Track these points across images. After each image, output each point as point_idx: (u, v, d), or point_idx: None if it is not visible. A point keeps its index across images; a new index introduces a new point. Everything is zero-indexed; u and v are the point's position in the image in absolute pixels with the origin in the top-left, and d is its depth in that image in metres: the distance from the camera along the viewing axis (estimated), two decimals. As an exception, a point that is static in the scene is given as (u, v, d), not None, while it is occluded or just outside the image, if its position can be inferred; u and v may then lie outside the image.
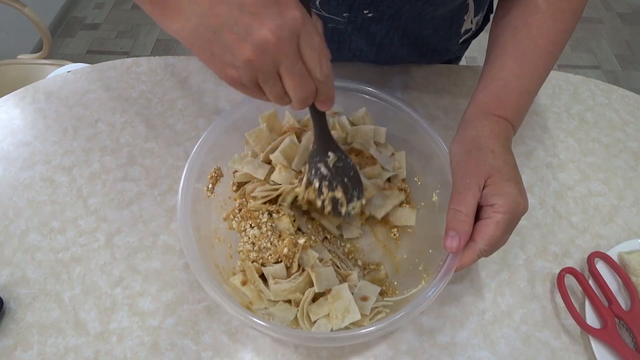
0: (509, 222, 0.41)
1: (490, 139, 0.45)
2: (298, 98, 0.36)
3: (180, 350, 0.47)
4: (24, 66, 1.24)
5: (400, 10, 0.54)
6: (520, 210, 0.41)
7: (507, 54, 0.48)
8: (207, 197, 0.52)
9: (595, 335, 0.47)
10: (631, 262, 0.50)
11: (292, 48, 0.32)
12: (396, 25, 0.59)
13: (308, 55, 0.33)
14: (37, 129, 0.64)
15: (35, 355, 0.46)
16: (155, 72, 0.70)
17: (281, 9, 0.31)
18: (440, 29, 0.63)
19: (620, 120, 0.67)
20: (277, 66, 0.33)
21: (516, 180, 0.42)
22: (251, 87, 0.35)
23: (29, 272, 0.52)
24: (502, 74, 0.48)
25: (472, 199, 0.41)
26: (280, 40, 0.31)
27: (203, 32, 0.32)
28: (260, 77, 0.34)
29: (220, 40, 0.32)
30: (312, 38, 0.33)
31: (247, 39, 0.31)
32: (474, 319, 0.49)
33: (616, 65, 2.05)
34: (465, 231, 0.41)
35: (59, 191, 0.58)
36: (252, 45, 0.31)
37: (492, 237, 0.40)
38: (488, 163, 0.43)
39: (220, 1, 0.31)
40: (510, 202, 0.40)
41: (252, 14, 0.31)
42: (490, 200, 0.41)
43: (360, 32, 0.59)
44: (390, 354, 0.47)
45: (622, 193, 0.59)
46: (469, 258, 0.42)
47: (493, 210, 0.41)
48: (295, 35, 0.32)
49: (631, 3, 2.34)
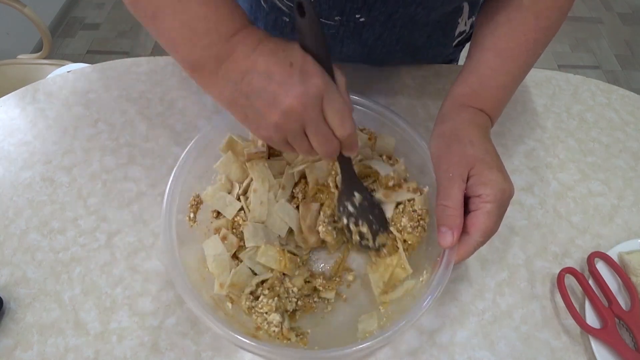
0: (498, 210, 0.41)
1: (469, 129, 0.45)
2: (324, 154, 0.39)
3: (180, 350, 0.47)
4: (24, 66, 1.24)
5: (393, 15, 0.54)
6: (507, 196, 0.42)
7: (486, 49, 0.49)
8: (190, 226, 0.51)
9: (595, 335, 0.47)
10: (631, 262, 0.50)
11: (315, 112, 0.36)
12: (389, 30, 0.58)
13: (331, 117, 0.37)
14: (37, 129, 0.64)
15: (35, 355, 0.46)
16: (155, 72, 0.70)
17: (305, 77, 0.35)
18: (434, 33, 0.63)
19: (620, 120, 0.67)
20: (303, 128, 0.37)
21: (499, 167, 0.43)
22: (282, 145, 0.39)
23: (29, 272, 0.52)
24: (480, 68, 0.49)
25: (458, 192, 0.42)
26: (305, 106, 0.35)
27: (238, 98, 0.37)
28: (289, 137, 0.38)
29: (252, 106, 0.36)
30: (335, 101, 0.36)
31: (275, 105, 0.35)
32: (474, 319, 0.49)
33: (616, 65, 2.05)
34: (456, 224, 0.41)
35: (59, 191, 0.58)
36: (279, 111, 0.35)
37: (486, 227, 0.41)
38: (469, 154, 0.43)
39: (251, 71, 0.35)
40: (497, 189, 0.41)
41: (279, 83, 0.35)
42: (476, 191, 0.42)
43: (353, 36, 0.59)
44: (390, 354, 0.47)
45: (622, 193, 0.59)
46: (466, 251, 0.42)
47: (481, 201, 0.41)
48: (318, 100, 0.36)
49: (631, 3, 2.34)
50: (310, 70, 0.35)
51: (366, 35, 0.59)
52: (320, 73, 0.36)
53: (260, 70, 0.35)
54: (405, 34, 0.59)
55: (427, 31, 0.61)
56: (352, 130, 0.38)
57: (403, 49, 0.63)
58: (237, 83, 0.36)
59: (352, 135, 0.39)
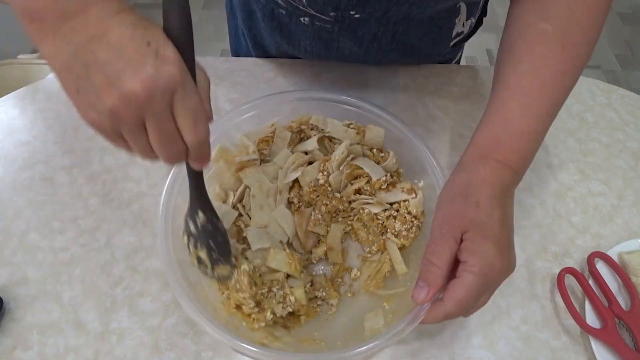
0: (480, 285, 0.37)
1: (481, 187, 0.40)
2: (165, 157, 0.34)
3: (180, 350, 0.47)
4: (24, 66, 1.24)
5: (388, 12, 0.53)
6: (497, 273, 0.38)
7: (508, 89, 0.44)
8: None
9: (595, 335, 0.47)
10: (631, 262, 0.50)
11: (162, 105, 0.30)
12: (384, 27, 0.58)
13: (181, 116, 0.31)
14: (37, 129, 0.64)
15: (35, 355, 0.46)
16: (155, 72, 0.70)
17: (158, 62, 0.29)
18: (430, 32, 0.62)
19: (620, 120, 0.67)
20: (143, 120, 0.31)
21: (496, 239, 0.38)
22: (114, 136, 0.32)
23: (29, 272, 0.52)
24: (503, 113, 0.44)
25: (448, 252, 0.38)
26: (150, 95, 0.29)
27: (74, 65, 0.30)
28: (124, 128, 0.31)
29: (89, 79, 0.30)
30: (190, 97, 0.31)
31: (115, 85, 0.29)
32: (474, 319, 0.49)
33: (616, 65, 2.05)
34: (435, 283, 0.38)
35: (59, 191, 0.58)
36: (119, 93, 0.29)
37: (461, 299, 0.37)
38: (468, 216, 0.39)
39: (101, 37, 0.29)
40: (484, 263, 0.37)
41: (129, 59, 0.29)
42: (463, 257, 0.38)
43: (348, 32, 0.59)
44: (390, 354, 0.47)
45: (622, 193, 0.59)
46: (434, 316, 0.39)
47: (464, 270, 0.37)
48: (168, 92, 0.30)
49: (631, 3, 2.34)
50: (168, 56, 0.30)
51: (361, 33, 0.59)
52: (178, 62, 0.30)
53: (111, 41, 0.29)
54: (400, 31, 0.59)
55: (423, 30, 0.61)
56: (205, 137, 0.33)
57: (399, 48, 0.63)
58: (78, 48, 0.29)
59: (204, 143, 0.34)
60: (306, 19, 0.57)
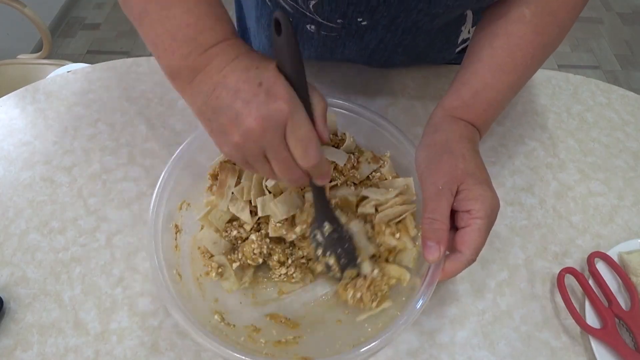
0: (489, 226, 0.41)
1: (461, 142, 0.45)
2: (288, 181, 0.39)
3: (180, 350, 0.47)
4: (24, 66, 1.24)
5: (396, 20, 0.53)
6: (496, 212, 0.41)
7: (481, 61, 0.47)
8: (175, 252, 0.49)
9: (595, 335, 0.47)
10: (631, 262, 0.50)
11: (276, 138, 0.35)
12: (391, 34, 0.58)
13: (293, 145, 0.35)
14: (37, 129, 0.64)
15: (35, 355, 0.46)
16: (155, 72, 0.70)
17: (269, 99, 0.33)
18: (437, 40, 0.62)
19: (620, 120, 0.67)
20: (263, 151, 0.36)
21: (488, 183, 0.42)
22: (244, 165, 0.38)
23: (29, 272, 0.52)
24: (473, 81, 0.47)
25: (447, 206, 0.41)
26: (264, 130, 0.34)
27: (206, 110, 0.36)
28: (249, 159, 0.37)
29: (217, 120, 0.35)
30: (299, 128, 0.35)
31: (236, 124, 0.34)
32: (474, 319, 0.49)
33: (616, 65, 2.05)
34: (443, 239, 0.40)
35: (59, 191, 0.58)
36: (239, 131, 0.34)
37: (477, 244, 0.40)
38: (460, 167, 0.42)
39: (223, 85, 0.35)
40: (487, 205, 0.40)
41: (244, 101, 0.34)
42: (466, 206, 0.40)
43: (355, 39, 0.59)
44: (390, 354, 0.47)
45: (622, 193, 0.59)
46: (456, 268, 0.41)
47: (471, 217, 0.40)
48: (280, 126, 0.34)
49: (631, 3, 2.34)
50: (278, 93, 0.34)
51: (368, 39, 0.59)
52: (287, 96, 0.34)
53: (229, 86, 0.34)
54: (407, 39, 0.59)
55: (430, 37, 0.61)
56: (317, 160, 0.37)
57: (405, 53, 0.63)
58: (207, 95, 0.35)
59: (318, 165, 0.37)
60: (312, 27, 0.57)
